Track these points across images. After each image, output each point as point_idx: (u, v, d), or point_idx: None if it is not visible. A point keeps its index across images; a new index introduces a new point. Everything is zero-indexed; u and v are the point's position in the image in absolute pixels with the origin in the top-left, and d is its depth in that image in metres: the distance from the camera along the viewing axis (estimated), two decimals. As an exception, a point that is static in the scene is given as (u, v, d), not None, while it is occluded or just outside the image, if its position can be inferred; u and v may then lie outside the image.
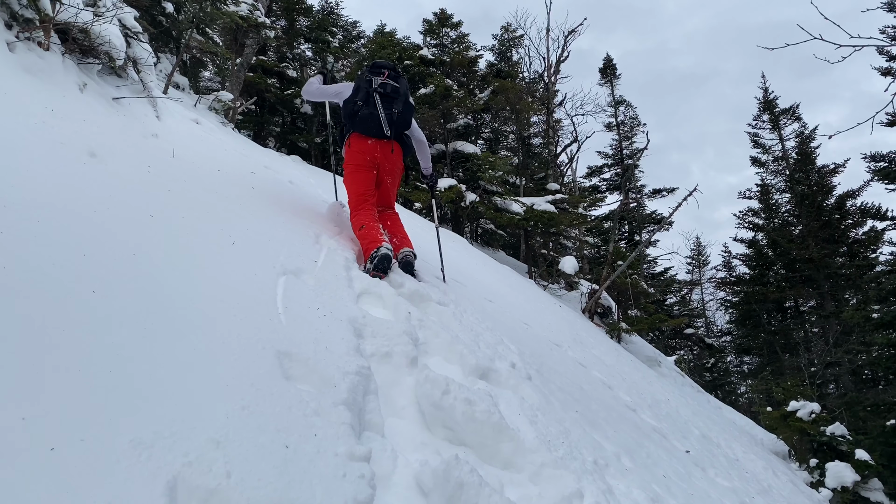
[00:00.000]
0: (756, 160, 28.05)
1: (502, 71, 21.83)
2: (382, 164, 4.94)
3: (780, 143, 27.49)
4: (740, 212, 28.07)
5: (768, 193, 27.62)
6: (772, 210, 27.60)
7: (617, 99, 30.75)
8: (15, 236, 2.07)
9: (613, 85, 30.76)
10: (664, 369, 12.66)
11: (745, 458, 6.67)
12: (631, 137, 30.94)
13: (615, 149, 30.92)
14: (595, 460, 2.91)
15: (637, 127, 31.01)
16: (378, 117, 4.78)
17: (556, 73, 23.19)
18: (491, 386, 3.12)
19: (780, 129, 27.53)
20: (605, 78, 30.61)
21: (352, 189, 4.91)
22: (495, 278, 8.76)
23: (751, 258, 27.93)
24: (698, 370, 28.68)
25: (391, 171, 5.04)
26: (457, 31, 22.24)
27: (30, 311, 1.73)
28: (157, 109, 5.25)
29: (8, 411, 1.33)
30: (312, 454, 1.78)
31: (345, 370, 2.40)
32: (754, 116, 28.31)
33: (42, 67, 3.99)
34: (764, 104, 27.90)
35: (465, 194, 15.56)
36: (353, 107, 4.82)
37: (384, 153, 4.90)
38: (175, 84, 9.39)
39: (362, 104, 4.79)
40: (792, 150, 27.12)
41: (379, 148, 4.87)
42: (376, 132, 4.82)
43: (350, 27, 24.71)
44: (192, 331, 2.12)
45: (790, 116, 27.38)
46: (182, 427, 1.57)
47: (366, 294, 3.68)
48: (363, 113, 4.79)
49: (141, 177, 3.54)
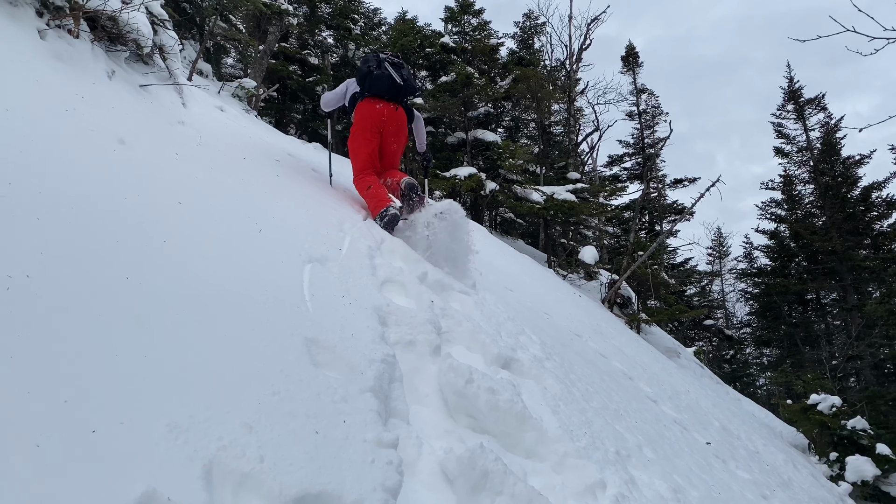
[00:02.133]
0: (779, 151, 27.69)
1: (524, 59, 21.72)
2: (388, 126, 5.30)
3: (805, 133, 27.11)
4: (763, 203, 27.78)
5: (791, 184, 27.28)
6: (795, 201, 27.28)
7: (639, 87, 30.43)
8: (51, 223, 2.11)
9: (635, 73, 30.42)
10: (683, 360, 12.61)
11: (765, 451, 6.65)
12: (653, 126, 30.62)
13: (636, 138, 30.63)
14: (617, 451, 2.92)
15: (659, 116, 30.68)
16: (391, 76, 5.21)
17: (578, 60, 23.00)
18: (513, 375, 3.14)
19: (804, 119, 27.14)
20: (627, 66, 30.29)
21: (356, 154, 5.32)
22: (515, 268, 8.77)
23: (772, 249, 27.66)
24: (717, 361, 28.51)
25: (395, 134, 5.40)
26: (478, 19, 22.13)
27: (67, 297, 1.77)
28: (182, 97, 5.30)
29: (50, 394, 1.37)
30: (341, 440, 1.81)
31: (371, 357, 2.43)
32: (778, 106, 27.93)
33: (72, 55, 4.04)
34: (789, 94, 27.50)
35: (484, 183, 15.54)
36: (367, 70, 5.24)
37: (390, 115, 5.28)
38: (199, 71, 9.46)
39: (375, 67, 5.23)
40: (816, 141, 26.73)
41: (386, 112, 5.26)
42: (388, 89, 5.24)
43: (371, 14, 24.65)
44: (223, 317, 2.16)
45: (815, 106, 26.97)
46: (216, 412, 1.61)
47: (389, 282, 3.71)
48: (377, 73, 5.21)
49: (169, 164, 3.59)
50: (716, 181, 12.88)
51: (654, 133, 30.41)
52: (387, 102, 5.27)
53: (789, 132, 27.55)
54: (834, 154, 25.73)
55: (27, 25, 3.79)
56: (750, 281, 29.66)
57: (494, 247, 10.02)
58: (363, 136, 5.29)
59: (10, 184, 2.19)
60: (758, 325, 29.70)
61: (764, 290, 27.39)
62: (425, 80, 21.36)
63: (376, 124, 5.26)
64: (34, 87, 3.33)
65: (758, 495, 4.24)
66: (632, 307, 14.57)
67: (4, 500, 1.10)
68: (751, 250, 31.08)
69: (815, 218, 26.04)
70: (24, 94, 3.15)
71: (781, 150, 27.67)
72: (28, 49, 3.63)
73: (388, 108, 5.27)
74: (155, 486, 1.27)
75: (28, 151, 2.58)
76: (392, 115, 5.30)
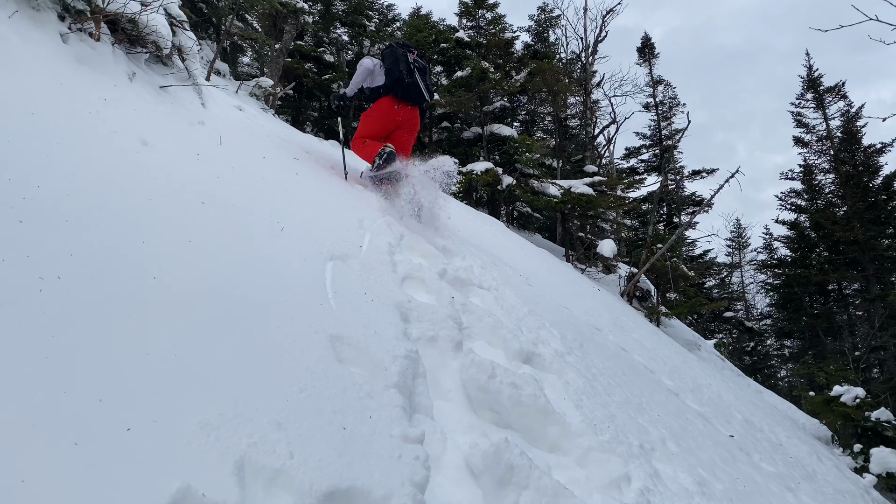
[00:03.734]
0: (799, 140, 27.39)
1: (539, 52, 21.64)
2: (403, 124, 5.86)
3: (825, 122, 26.77)
4: (782, 193, 27.50)
5: (811, 174, 26.96)
6: (815, 191, 26.96)
7: (655, 78, 30.25)
8: (78, 225, 2.14)
9: (652, 64, 30.25)
10: (704, 353, 12.54)
11: (788, 443, 6.60)
12: (670, 118, 30.44)
13: (653, 129, 30.47)
14: (641, 444, 2.92)
15: (676, 107, 30.48)
16: (419, 87, 5.69)
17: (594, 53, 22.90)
18: (535, 370, 3.15)
19: (824, 107, 26.80)
20: (644, 57, 30.12)
21: (365, 128, 5.84)
22: (534, 262, 8.75)
23: (793, 240, 27.39)
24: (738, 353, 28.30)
25: (409, 130, 5.93)
26: (493, 13, 22.07)
27: (98, 298, 1.80)
28: (201, 97, 5.35)
29: (86, 393, 1.40)
30: (368, 436, 1.83)
31: (394, 354, 2.45)
32: (797, 95, 27.63)
33: (94, 58, 4.09)
34: (808, 82, 27.17)
35: (501, 178, 15.53)
36: (399, 75, 5.63)
37: (406, 115, 5.83)
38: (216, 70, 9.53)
39: (406, 73, 5.64)
40: (837, 130, 26.37)
41: (405, 113, 5.81)
42: (416, 99, 5.75)
43: (386, 10, 24.67)
44: (249, 316, 2.19)
45: (835, 95, 26.62)
46: (245, 409, 1.63)
47: (409, 278, 3.73)
48: (408, 81, 5.64)
49: (191, 164, 3.62)
50: (734, 172, 12.78)
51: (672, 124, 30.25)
52: (409, 107, 5.78)
53: (809, 121, 27.25)
54: (855, 143, 25.39)
55: (50, 30, 3.84)
56: (770, 272, 29.39)
57: (512, 241, 10.01)
58: (373, 122, 5.82)
59: (38, 186, 2.22)
60: (778, 316, 29.43)
61: (784, 281, 27.13)
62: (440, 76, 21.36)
63: (394, 122, 5.79)
64: (58, 91, 3.38)
65: (783, 488, 4.21)
66: (651, 300, 14.51)
67: (45, 496, 1.13)
68: (771, 241, 30.77)
69: (836, 208, 25.74)
70: (48, 98, 3.19)
71: (801, 140, 27.37)
72: (51, 53, 3.68)
73: (405, 109, 5.78)
74: (189, 482, 1.29)
75: (53, 154, 2.62)
76: (408, 114, 5.83)
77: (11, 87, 2.97)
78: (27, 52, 3.41)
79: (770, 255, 30.75)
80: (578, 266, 14.74)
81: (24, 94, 2.98)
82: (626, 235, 21.44)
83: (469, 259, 4.88)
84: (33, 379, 1.36)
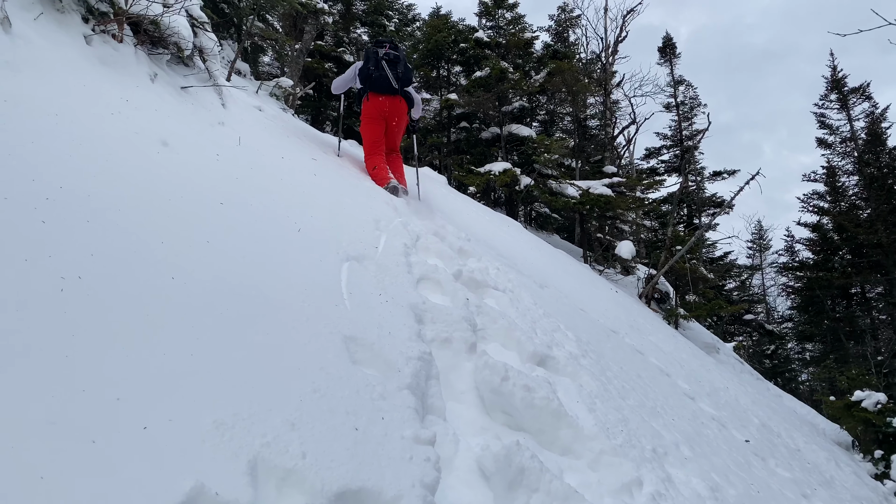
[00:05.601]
0: (822, 141, 27.06)
1: (559, 52, 21.56)
2: (390, 113, 6.54)
3: (849, 123, 26.41)
4: (804, 195, 27.19)
5: (835, 176, 26.62)
6: (838, 193, 26.63)
7: (676, 78, 30.02)
8: (99, 225, 2.19)
9: (673, 64, 30.03)
10: (722, 356, 12.44)
11: (806, 449, 6.53)
12: (691, 118, 30.21)
13: (674, 130, 30.25)
14: (654, 448, 2.92)
15: (697, 107, 30.23)
16: (387, 77, 6.41)
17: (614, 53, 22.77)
18: (549, 373, 3.16)
19: (848, 108, 26.44)
20: (665, 57, 29.91)
21: (366, 137, 6.55)
22: (550, 263, 8.74)
23: (815, 242, 27.07)
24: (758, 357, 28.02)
25: (397, 119, 6.62)
26: (513, 13, 22.04)
27: (117, 298, 1.84)
28: (222, 97, 5.40)
29: (104, 392, 1.43)
30: (380, 437, 1.85)
31: (408, 355, 2.47)
32: (821, 96, 27.28)
33: (116, 59, 4.15)
34: (832, 83, 26.81)
35: (519, 178, 15.50)
36: (368, 72, 6.42)
37: (392, 105, 6.52)
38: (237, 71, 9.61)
39: (374, 69, 6.39)
40: (861, 131, 26.01)
41: (388, 102, 6.50)
42: (387, 89, 6.45)
43: (406, 10, 24.72)
44: (264, 316, 2.22)
45: (860, 96, 26.25)
46: (259, 409, 1.66)
47: (424, 280, 3.75)
48: (376, 75, 6.40)
49: (210, 165, 3.67)
50: (755, 174, 12.65)
51: (693, 125, 30.02)
52: (388, 96, 6.50)
53: (833, 122, 26.91)
54: (879, 144, 25.03)
55: (74, 32, 3.91)
56: (791, 275, 29.07)
57: (529, 242, 10.00)
58: (371, 125, 6.53)
59: (61, 187, 2.27)
60: (800, 319, 29.11)
61: (806, 284, 26.83)
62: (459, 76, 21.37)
63: (381, 114, 6.51)
64: (81, 92, 3.43)
65: (798, 494, 4.18)
66: (670, 302, 14.41)
67: (64, 493, 1.17)
68: (792, 243, 30.42)
69: (860, 210, 25.39)
70: (72, 99, 3.25)
71: (824, 141, 27.04)
72: (75, 55, 3.74)
73: (389, 100, 6.51)
74: (203, 481, 1.32)
75: (76, 155, 2.67)
76: (393, 104, 6.53)
77: (36, 89, 3.02)
78: (51, 54, 3.47)
79: (792, 257, 30.42)
80: (596, 267, 14.68)
81: (48, 96, 3.03)
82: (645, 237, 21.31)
83: (485, 260, 4.90)
84: (53, 377, 1.40)
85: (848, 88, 26.48)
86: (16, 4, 3.45)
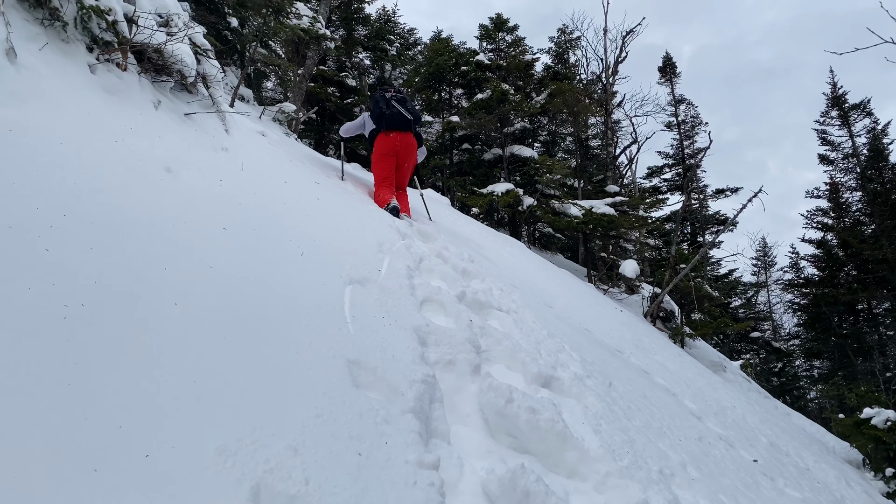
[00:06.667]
0: (824, 158, 27.12)
1: (559, 73, 21.73)
2: (401, 150, 6.83)
3: (850, 139, 26.48)
4: (808, 211, 27.19)
5: (838, 192, 26.64)
6: (842, 209, 26.62)
7: (677, 97, 30.18)
8: (103, 252, 2.20)
9: (673, 83, 30.21)
10: (729, 374, 12.35)
11: (816, 468, 6.46)
12: (692, 136, 30.32)
13: (676, 148, 30.34)
14: (661, 470, 2.89)
15: (698, 126, 30.36)
16: (400, 113, 6.78)
17: (615, 73, 22.92)
18: (554, 394, 3.14)
19: (849, 125, 26.53)
20: (665, 76, 30.10)
21: (377, 172, 6.83)
22: (554, 283, 8.73)
23: (820, 259, 27.00)
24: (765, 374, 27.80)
25: (407, 155, 6.91)
26: (513, 35, 22.27)
27: (119, 325, 1.84)
28: (225, 123, 5.45)
29: (106, 420, 1.43)
30: (384, 462, 1.84)
31: (411, 378, 2.46)
32: (822, 113, 27.41)
33: (120, 87, 4.20)
34: (833, 100, 26.94)
35: (522, 199, 15.55)
36: (380, 111, 6.80)
37: (403, 141, 6.83)
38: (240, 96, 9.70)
39: (385, 108, 6.79)
40: (863, 147, 26.07)
41: (400, 138, 6.81)
42: (400, 124, 6.79)
43: (407, 35, 24.98)
44: (268, 341, 2.22)
45: (860, 112, 26.35)
46: (262, 435, 1.66)
47: (428, 302, 3.75)
48: (389, 113, 6.78)
49: (213, 190, 3.69)
50: (757, 192, 12.67)
51: (694, 143, 30.12)
52: (400, 132, 6.82)
53: (834, 139, 27.01)
54: (882, 160, 25.07)
55: (78, 61, 3.96)
56: (797, 291, 28.96)
57: (533, 263, 10.00)
58: (383, 161, 6.80)
59: (64, 215, 2.29)
60: (807, 336, 28.95)
61: (812, 301, 26.72)
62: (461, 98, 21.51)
63: (392, 149, 6.80)
64: (85, 120, 3.47)
65: (809, 514, 4.13)
66: (675, 321, 14.36)
67: (66, 522, 1.16)
68: (797, 260, 30.35)
69: (864, 226, 25.36)
70: (76, 128, 3.28)
71: (826, 158, 27.12)
72: (80, 84, 3.79)
73: (401, 136, 6.82)
74: (206, 508, 1.32)
75: (80, 184, 2.70)
76: (405, 140, 6.85)
77: (41, 118, 3.06)
78: (56, 84, 3.51)
79: (797, 273, 30.33)
80: (601, 287, 14.65)
81: (53, 125, 3.06)
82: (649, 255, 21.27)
83: (488, 281, 4.90)
84: (56, 406, 1.40)
85: (849, 105, 26.61)
86: (22, 35, 3.49)
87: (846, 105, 26.65)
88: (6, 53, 3.18)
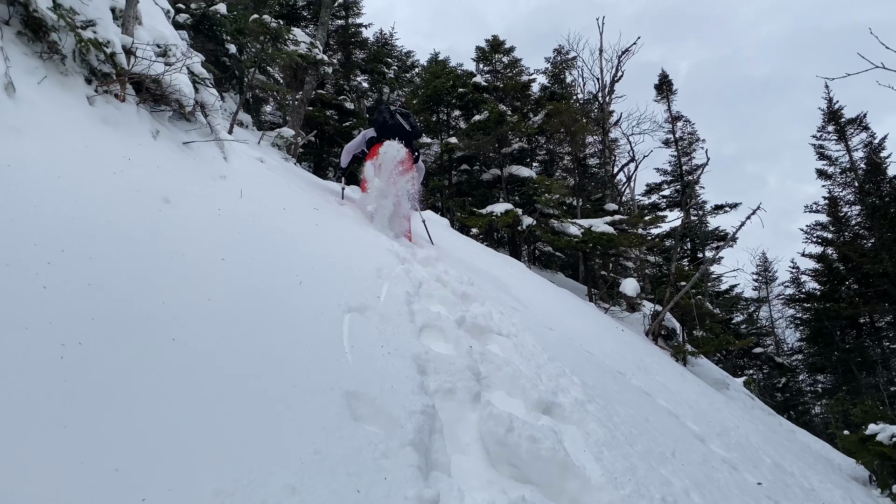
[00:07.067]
0: (822, 172, 27.19)
1: (556, 93, 21.89)
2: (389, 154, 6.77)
3: (848, 154, 26.57)
4: (808, 226, 27.21)
5: (837, 206, 26.67)
6: (841, 223, 26.64)
7: (674, 115, 30.33)
8: (101, 288, 2.20)
9: (670, 101, 30.36)
10: (733, 392, 12.29)
11: (821, 488, 6.40)
12: (690, 153, 30.42)
13: (674, 165, 30.43)
14: (663, 497, 2.87)
15: (696, 142, 30.48)
16: (402, 124, 7.00)
17: (611, 92, 23.08)
18: (555, 421, 3.12)
19: (846, 139, 26.63)
20: (661, 94, 30.26)
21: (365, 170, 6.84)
22: (555, 304, 8.72)
23: (820, 273, 26.97)
24: (769, 390, 27.64)
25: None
26: (509, 57, 22.44)
27: (116, 364, 1.84)
28: (224, 151, 5.47)
29: (103, 463, 1.42)
30: (383, 498, 1.83)
31: (410, 409, 2.45)
32: (818, 128, 27.53)
33: (119, 118, 4.22)
34: (829, 115, 27.07)
35: (521, 218, 15.57)
36: (383, 120, 7.02)
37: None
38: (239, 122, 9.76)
39: (388, 118, 7.01)
40: (860, 161, 26.16)
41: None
42: (399, 133, 6.92)
43: (404, 57, 25.17)
44: (265, 374, 2.21)
45: (857, 126, 26.47)
46: (259, 474, 1.64)
47: (427, 328, 3.74)
48: (391, 123, 6.99)
49: (212, 220, 3.70)
50: (755, 209, 12.70)
51: (692, 159, 30.21)
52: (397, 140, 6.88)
53: (831, 153, 27.09)
54: (880, 173, 25.12)
55: (77, 93, 3.98)
56: (799, 306, 28.90)
57: (533, 283, 9.99)
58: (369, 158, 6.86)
59: (62, 251, 2.29)
60: (809, 351, 28.83)
61: (814, 316, 26.66)
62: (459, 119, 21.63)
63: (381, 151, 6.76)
64: (84, 153, 3.48)
65: (816, 537, 4.09)
66: (677, 339, 14.31)
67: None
68: (798, 275, 30.30)
69: (864, 240, 25.36)
70: (74, 161, 3.29)
71: (824, 172, 27.18)
72: (78, 116, 3.81)
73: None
74: (202, 553, 1.30)
75: (78, 217, 2.70)
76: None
77: (40, 152, 3.07)
78: (55, 117, 3.53)
79: (798, 288, 30.26)
80: (602, 305, 14.62)
81: (51, 158, 3.08)
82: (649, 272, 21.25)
83: (488, 305, 4.89)
84: (52, 449, 1.39)
85: (845, 120, 26.72)
86: (21, 69, 3.52)
87: (842, 120, 26.77)
88: (5, 88, 3.21)
